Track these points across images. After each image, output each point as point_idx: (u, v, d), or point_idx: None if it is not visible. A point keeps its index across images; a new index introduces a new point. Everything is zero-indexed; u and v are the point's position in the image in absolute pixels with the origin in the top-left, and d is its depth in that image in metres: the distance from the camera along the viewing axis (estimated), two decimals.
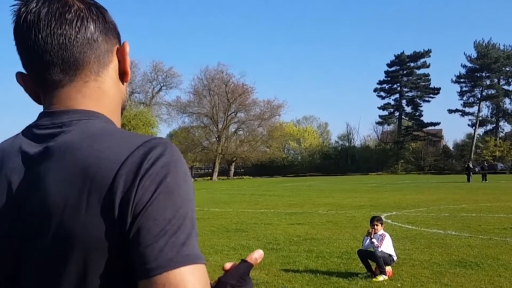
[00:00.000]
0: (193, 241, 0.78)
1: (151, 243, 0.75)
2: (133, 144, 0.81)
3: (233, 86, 62.68)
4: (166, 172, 0.78)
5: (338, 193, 25.09)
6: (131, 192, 0.76)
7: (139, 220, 0.76)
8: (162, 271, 0.73)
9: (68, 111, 0.88)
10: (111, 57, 0.94)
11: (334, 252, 8.86)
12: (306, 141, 73.27)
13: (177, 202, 0.78)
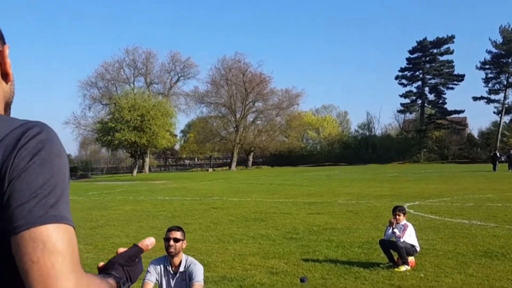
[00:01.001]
0: (62, 206, 0.86)
1: (22, 203, 0.83)
2: (12, 125, 0.91)
3: (251, 76, 62.50)
4: (41, 147, 0.88)
5: (358, 183, 24.87)
6: (9, 161, 0.85)
7: (13, 183, 0.84)
8: (30, 226, 0.81)
9: None
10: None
11: (354, 242, 8.74)
12: (325, 130, 72.75)
13: (48, 172, 0.86)
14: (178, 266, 4.49)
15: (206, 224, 11.53)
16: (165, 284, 4.51)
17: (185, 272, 4.47)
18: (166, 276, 4.51)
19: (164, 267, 4.53)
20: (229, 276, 6.55)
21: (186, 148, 72.41)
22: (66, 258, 0.81)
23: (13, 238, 0.81)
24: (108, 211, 14.91)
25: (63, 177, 0.89)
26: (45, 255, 0.80)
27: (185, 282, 4.46)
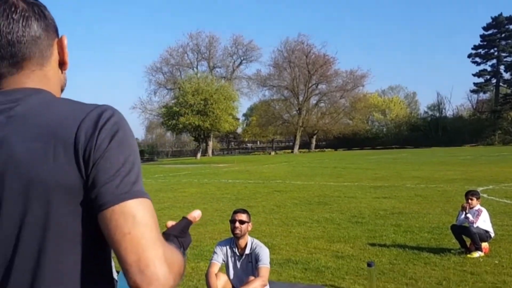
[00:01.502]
0: (141, 182, 0.96)
1: (109, 181, 0.91)
2: (87, 108, 0.98)
3: (314, 57, 61.68)
4: (117, 128, 0.96)
5: (428, 166, 23.98)
6: (92, 142, 0.93)
7: (98, 163, 0.92)
8: (120, 201, 0.90)
9: (20, 89, 1.03)
10: (52, 50, 1.08)
11: (424, 227, 8.41)
12: (392, 112, 70.73)
13: (127, 151, 0.95)
14: (244, 248, 4.49)
15: (270, 207, 11.52)
16: (231, 265, 4.53)
17: (251, 254, 4.47)
18: (232, 257, 4.52)
19: (230, 249, 4.54)
20: (294, 259, 6.49)
21: (248, 131, 73.00)
22: (152, 228, 0.91)
23: (102, 213, 0.90)
24: (174, 193, 15.28)
25: (137, 154, 0.98)
26: (135, 227, 0.89)
27: (251, 264, 4.45)
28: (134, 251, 0.88)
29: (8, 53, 1.01)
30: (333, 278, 5.63)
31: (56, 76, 1.10)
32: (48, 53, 1.07)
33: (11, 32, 1.01)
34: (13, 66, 1.03)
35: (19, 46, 1.02)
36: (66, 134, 0.93)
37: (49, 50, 1.07)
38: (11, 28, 1.01)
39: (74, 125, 0.94)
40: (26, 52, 1.03)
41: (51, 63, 1.08)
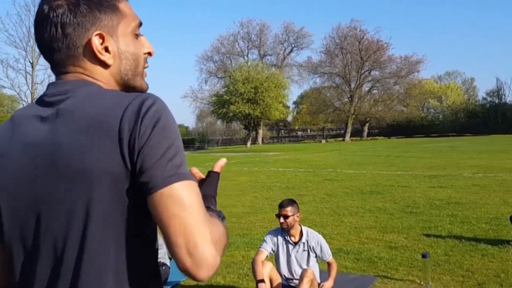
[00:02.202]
0: (185, 165, 0.98)
1: (155, 166, 0.94)
2: (129, 98, 1.01)
3: (367, 43, 60.36)
4: (159, 115, 0.98)
5: (486, 154, 23.05)
6: (135, 130, 0.96)
7: (144, 150, 0.95)
8: (167, 184, 0.93)
9: (69, 81, 1.08)
10: (100, 46, 1.08)
11: (481, 218, 8.11)
12: (449, 99, 68.34)
13: (171, 136, 0.98)
14: (299, 237, 4.47)
15: (321, 196, 11.44)
16: (284, 254, 4.52)
17: (307, 243, 4.46)
18: (285, 246, 4.51)
19: (283, 238, 4.53)
20: (346, 248, 6.42)
21: (298, 119, 72.63)
22: (199, 209, 0.94)
23: (151, 196, 0.93)
24: (225, 181, 15.44)
25: (180, 139, 1.00)
26: (183, 209, 0.92)
27: (306, 253, 4.45)
28: (182, 234, 0.90)
29: (63, 52, 1.07)
30: (386, 269, 5.53)
31: (98, 71, 1.10)
32: (97, 48, 1.09)
33: (65, 34, 1.06)
34: (66, 59, 1.08)
35: (72, 43, 1.06)
36: (111, 124, 0.97)
37: (97, 45, 1.09)
38: (66, 29, 1.05)
39: (117, 116, 0.97)
40: (79, 46, 1.07)
41: (92, 59, 1.10)
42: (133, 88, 1.15)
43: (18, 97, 31.35)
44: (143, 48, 1.16)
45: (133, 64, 1.13)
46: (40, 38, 1.09)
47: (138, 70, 1.15)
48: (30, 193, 1.03)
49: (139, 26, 1.17)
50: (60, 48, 1.07)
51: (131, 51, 1.13)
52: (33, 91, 28.83)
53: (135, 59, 1.13)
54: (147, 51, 1.17)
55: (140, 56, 1.15)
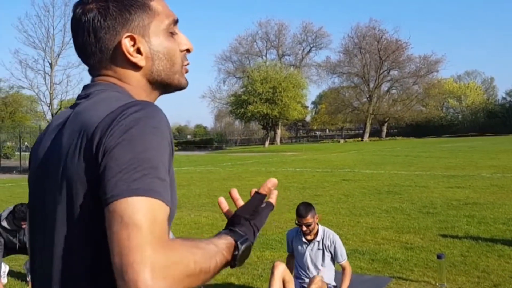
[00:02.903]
0: (149, 180, 0.86)
1: (110, 178, 0.86)
2: (117, 104, 0.96)
3: (386, 43, 59.88)
4: (133, 124, 0.90)
5: (505, 155, 22.75)
6: (103, 138, 0.91)
7: (105, 160, 0.89)
8: (113, 200, 0.84)
9: (96, 83, 1.09)
10: (131, 48, 1.07)
11: (499, 218, 8.07)
12: (468, 99, 67.47)
13: (137, 148, 0.88)
14: (314, 236, 4.51)
15: (337, 196, 11.45)
16: (299, 253, 4.57)
17: (322, 241, 4.48)
18: (300, 244, 4.55)
19: (298, 236, 4.58)
20: (361, 249, 6.46)
21: (317, 119, 72.39)
22: (141, 230, 0.81)
23: (104, 211, 0.87)
24: (242, 181, 15.52)
25: (155, 153, 0.89)
26: (122, 227, 0.82)
27: (321, 251, 4.47)
28: (118, 253, 0.81)
29: (95, 54, 1.08)
30: (401, 270, 5.56)
31: (128, 74, 1.09)
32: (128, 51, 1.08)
33: (98, 38, 1.06)
34: (97, 62, 1.10)
35: (103, 46, 1.07)
36: (89, 131, 0.94)
37: (128, 48, 1.08)
38: (98, 33, 1.06)
39: (96, 122, 0.95)
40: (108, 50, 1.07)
41: (123, 62, 1.09)
42: (170, 87, 1.14)
43: (37, 97, 31.74)
44: (180, 45, 1.13)
45: (167, 63, 1.11)
46: (75, 42, 1.10)
47: (174, 68, 1.12)
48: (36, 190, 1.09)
49: (175, 23, 1.13)
50: (94, 52, 1.08)
51: (165, 51, 1.10)
52: (52, 91, 29.17)
53: (169, 58, 1.11)
54: (185, 48, 1.15)
55: (175, 55, 1.12)
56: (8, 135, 38.12)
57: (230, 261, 0.97)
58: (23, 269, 5.94)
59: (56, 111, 30.24)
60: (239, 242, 0.98)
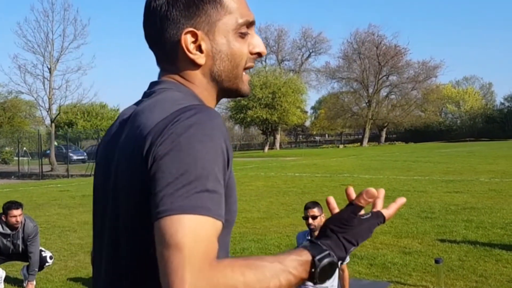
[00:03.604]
0: (195, 194, 0.80)
1: (156, 192, 0.82)
2: (173, 109, 0.91)
3: (385, 48, 60.04)
4: (182, 132, 0.85)
5: (504, 160, 22.81)
6: (152, 147, 0.86)
7: (153, 170, 0.84)
8: (158, 217, 0.80)
9: (162, 81, 1.04)
10: (191, 44, 1.01)
11: (497, 223, 8.11)
12: (467, 104, 67.64)
13: (185, 159, 0.83)
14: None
15: (336, 201, 10.97)
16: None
17: None
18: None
19: (304, 239, 4.64)
20: (359, 254, 6.48)
21: (316, 124, 72.46)
22: (182, 251, 0.76)
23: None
24: (241, 186, 15.51)
25: (205, 163, 0.83)
26: (164, 247, 0.78)
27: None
28: (161, 273, 0.78)
29: (160, 48, 1.05)
30: (399, 274, 5.59)
31: (190, 71, 1.04)
32: (193, 49, 1.02)
33: (165, 29, 1.02)
34: (165, 58, 1.06)
35: (167, 41, 1.02)
36: (141, 137, 0.90)
37: (195, 47, 1.02)
38: (164, 24, 1.01)
39: (148, 127, 0.90)
40: (175, 45, 1.02)
41: (183, 58, 1.03)
42: (230, 91, 1.07)
43: (36, 102, 31.72)
44: (252, 47, 1.05)
45: (229, 65, 1.03)
46: (144, 31, 1.05)
47: (236, 71, 1.04)
48: (98, 189, 1.07)
49: (249, 25, 1.05)
50: (158, 42, 1.03)
51: (228, 51, 1.02)
52: (51, 96, 29.11)
53: (232, 60, 1.03)
54: (257, 51, 1.06)
55: (240, 57, 1.03)
56: (6, 140, 38.17)
57: (305, 278, 0.88)
58: (20, 274, 5.96)
59: (55, 116, 30.30)
60: (317, 258, 0.88)
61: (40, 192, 16.87)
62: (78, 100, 31.13)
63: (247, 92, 1.08)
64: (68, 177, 24.58)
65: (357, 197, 1.00)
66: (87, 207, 12.13)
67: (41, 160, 26.68)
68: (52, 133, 30.04)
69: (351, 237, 0.95)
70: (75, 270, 6.46)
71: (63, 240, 8.31)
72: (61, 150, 33.46)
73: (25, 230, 5.49)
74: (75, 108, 42.91)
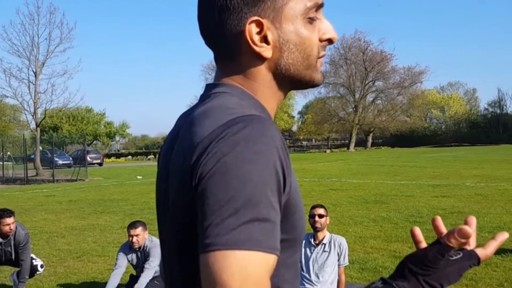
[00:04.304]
0: (243, 226, 0.70)
1: (202, 220, 0.73)
2: (222, 120, 0.80)
3: (371, 54, 60.57)
4: (228, 151, 0.74)
5: (488, 164, 23.13)
6: (196, 165, 0.77)
7: (199, 192, 0.75)
8: (203, 251, 0.71)
9: (217, 84, 0.93)
10: (256, 35, 0.89)
11: (484, 227, 8.21)
12: (451, 109, 68.47)
13: (232, 183, 0.72)
14: (321, 239, 4.66)
15: (325, 205, 11.29)
16: (306, 253, 4.68)
17: (329, 244, 4.63)
18: (309, 247, 4.68)
19: (307, 240, 4.69)
20: (351, 258, 6.48)
21: (303, 129, 72.70)
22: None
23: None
24: None
25: (255, 186, 0.72)
26: (209, 285, 0.70)
27: (327, 254, 4.60)
28: None
29: (216, 47, 0.95)
30: None
31: (252, 67, 0.92)
32: (238, 40, 0.90)
33: (220, 27, 0.91)
34: (222, 55, 0.95)
35: (223, 37, 0.91)
36: (188, 152, 0.81)
37: (241, 35, 0.89)
38: (215, 19, 0.91)
39: (194, 142, 0.81)
40: (232, 43, 0.91)
41: (246, 52, 0.91)
42: (301, 83, 0.95)
43: (21, 106, 31.35)
44: (322, 33, 0.93)
45: (298, 56, 0.91)
46: (200, 25, 0.95)
47: (307, 62, 0.93)
48: (157, 191, 0.99)
49: (318, 7, 0.93)
50: (218, 38, 0.91)
51: (298, 40, 0.90)
52: (36, 100, 28.80)
53: (302, 50, 0.91)
54: (327, 37, 0.94)
55: (311, 46, 0.92)
56: None
57: None
58: (9, 280, 5.89)
59: (40, 120, 30.00)
60: None
61: (25, 197, 16.69)
62: (64, 104, 30.78)
63: (321, 81, 0.96)
64: (53, 182, 24.35)
65: (447, 235, 0.83)
66: (74, 212, 12.04)
67: (26, 165, 26.39)
68: (37, 138, 29.73)
69: (434, 281, 0.81)
70: (65, 276, 6.41)
71: (51, 246, 8.23)
72: (46, 155, 33.09)
73: (16, 237, 5.43)
74: (60, 112, 42.44)
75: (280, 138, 0.79)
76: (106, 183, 21.46)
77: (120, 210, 12.11)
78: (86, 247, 8.10)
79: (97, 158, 38.89)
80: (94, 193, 16.70)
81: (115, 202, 13.72)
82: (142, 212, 11.50)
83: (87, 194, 16.44)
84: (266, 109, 0.93)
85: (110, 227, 9.87)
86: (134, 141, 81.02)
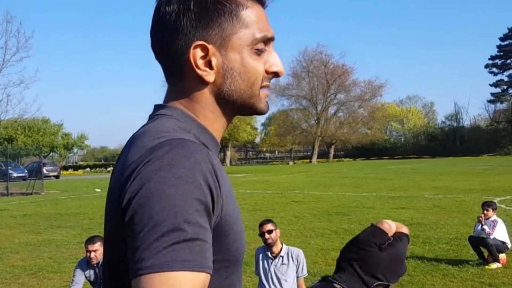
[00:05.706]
0: (170, 249, 0.70)
1: (130, 246, 0.74)
2: (150, 144, 0.81)
3: (333, 67, 61.68)
4: (151, 176, 0.75)
5: (446, 176, 23.77)
6: (123, 190, 0.78)
7: (125, 219, 0.76)
8: (132, 277, 0.71)
9: (162, 106, 0.94)
10: (200, 60, 0.90)
11: (442, 238, 8.39)
12: (410, 122, 70.32)
13: (154, 209, 0.73)
14: (278, 252, 4.63)
15: (288, 217, 11.56)
16: (263, 268, 4.66)
17: (286, 256, 4.60)
18: (266, 261, 4.65)
19: (264, 253, 4.68)
20: (312, 271, 6.53)
21: (266, 141, 73.05)
22: None
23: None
24: None
25: (178, 210, 0.72)
26: None
27: (285, 266, 4.58)
28: None
29: (168, 51, 0.92)
30: None
31: (196, 90, 0.92)
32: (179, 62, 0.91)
33: (169, 41, 0.91)
34: (168, 76, 0.96)
35: (170, 58, 0.93)
36: (120, 176, 0.82)
37: (182, 58, 0.91)
38: (168, 20, 0.90)
39: (125, 167, 0.81)
40: (180, 64, 0.91)
41: (190, 75, 0.91)
42: (244, 110, 0.96)
43: None
44: (269, 66, 0.94)
45: (242, 84, 0.92)
46: (151, 39, 0.94)
47: (251, 91, 0.93)
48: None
49: (267, 41, 0.94)
50: (166, 55, 0.92)
51: (241, 70, 0.91)
52: None
53: (245, 79, 0.92)
54: (274, 70, 0.95)
55: (255, 76, 0.92)
56: None
57: None
58: None
59: None
60: None
61: None
62: (20, 114, 29.95)
63: (265, 110, 0.97)
64: (7, 196, 23.47)
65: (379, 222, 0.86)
66: (28, 227, 11.64)
67: None
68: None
69: (372, 268, 0.80)
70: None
71: (5, 262, 7.91)
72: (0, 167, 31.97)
73: None
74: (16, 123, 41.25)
75: (208, 161, 0.79)
76: (63, 196, 20.87)
77: (78, 225, 11.78)
78: (41, 263, 7.82)
79: (53, 171, 37.78)
80: (50, 207, 16.20)
81: (72, 216, 13.33)
82: (100, 226, 11.18)
83: (42, 208, 15.93)
84: (209, 132, 0.93)
85: (67, 242, 9.57)
86: (93, 152, 79.26)
